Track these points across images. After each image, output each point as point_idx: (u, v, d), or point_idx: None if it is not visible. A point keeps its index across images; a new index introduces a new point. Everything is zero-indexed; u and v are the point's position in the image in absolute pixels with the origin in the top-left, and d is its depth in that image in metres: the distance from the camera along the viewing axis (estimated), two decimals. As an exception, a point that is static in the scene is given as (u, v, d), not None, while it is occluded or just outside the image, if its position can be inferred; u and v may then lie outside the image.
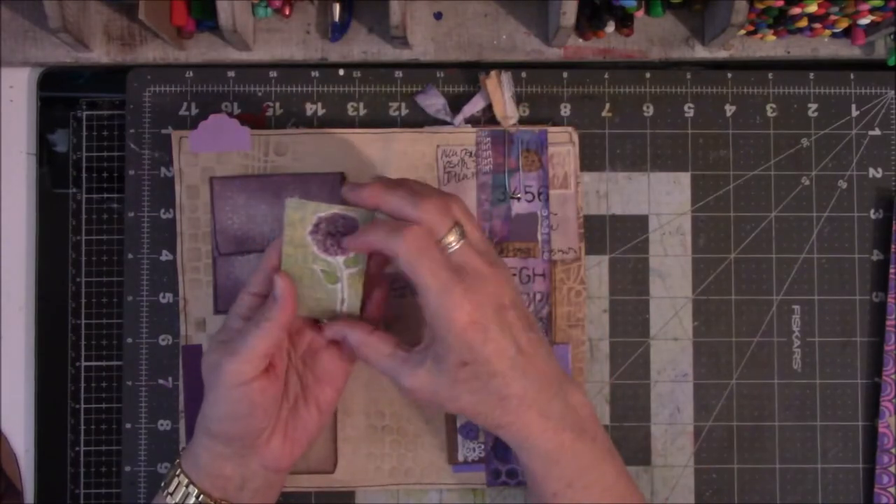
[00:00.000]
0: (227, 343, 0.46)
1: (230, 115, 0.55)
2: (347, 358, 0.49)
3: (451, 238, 0.44)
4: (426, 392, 0.45)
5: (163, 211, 0.55)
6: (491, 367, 0.44)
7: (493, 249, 0.47)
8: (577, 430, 0.45)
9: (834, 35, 0.56)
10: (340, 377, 0.50)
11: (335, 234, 0.47)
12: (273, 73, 0.56)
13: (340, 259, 0.47)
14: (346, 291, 0.48)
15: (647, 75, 0.56)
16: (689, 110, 0.56)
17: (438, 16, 0.56)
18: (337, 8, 0.55)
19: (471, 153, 0.55)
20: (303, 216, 0.46)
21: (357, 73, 0.56)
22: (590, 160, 0.56)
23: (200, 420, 0.47)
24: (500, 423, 0.45)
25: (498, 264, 0.46)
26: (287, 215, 0.46)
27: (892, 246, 0.55)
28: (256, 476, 0.47)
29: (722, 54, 0.56)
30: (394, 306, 0.54)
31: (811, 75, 0.56)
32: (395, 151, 0.55)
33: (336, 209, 0.47)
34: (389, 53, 0.56)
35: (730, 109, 0.56)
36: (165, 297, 0.55)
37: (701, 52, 0.56)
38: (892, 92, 0.56)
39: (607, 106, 0.56)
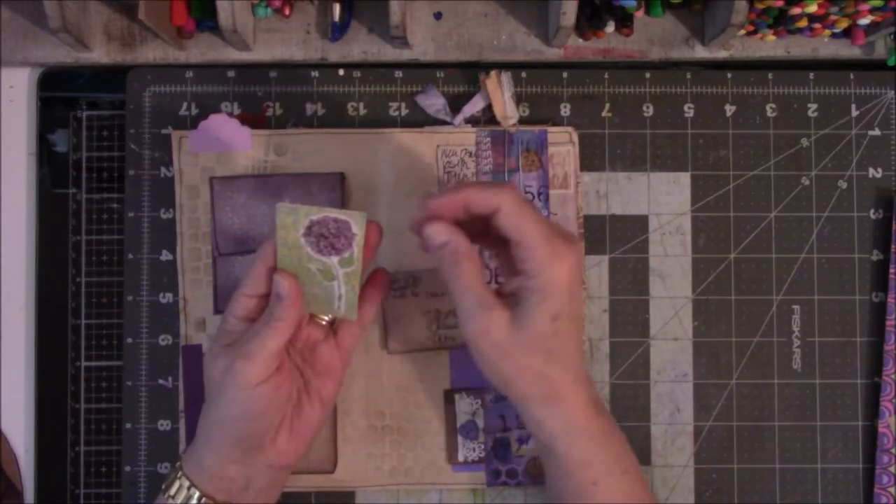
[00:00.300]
0: (235, 346, 0.46)
1: (230, 115, 0.55)
2: (345, 349, 0.49)
3: None
4: (496, 341, 0.44)
5: (163, 211, 0.55)
6: (577, 326, 0.45)
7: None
8: (601, 410, 0.46)
9: (834, 35, 0.56)
10: (339, 369, 0.50)
11: (328, 236, 0.47)
12: (273, 73, 0.56)
13: (335, 259, 0.47)
14: (342, 288, 0.48)
15: (647, 75, 0.56)
16: (689, 110, 0.56)
17: (438, 16, 0.56)
18: (337, 8, 0.55)
19: (471, 153, 0.55)
20: (295, 220, 0.46)
21: (357, 73, 0.56)
22: (590, 160, 0.56)
23: (205, 423, 0.47)
24: (557, 393, 0.45)
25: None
26: (279, 219, 0.46)
27: (892, 246, 0.55)
28: (261, 475, 0.47)
29: (722, 54, 0.56)
30: (394, 306, 0.54)
31: (811, 75, 0.56)
32: (395, 151, 0.55)
33: (327, 212, 0.46)
34: (389, 53, 0.56)
35: (730, 109, 0.56)
36: (165, 297, 0.55)
37: (701, 52, 0.56)
38: (892, 92, 0.56)
39: (607, 106, 0.56)
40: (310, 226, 0.46)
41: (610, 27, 0.53)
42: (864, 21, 0.53)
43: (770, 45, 0.56)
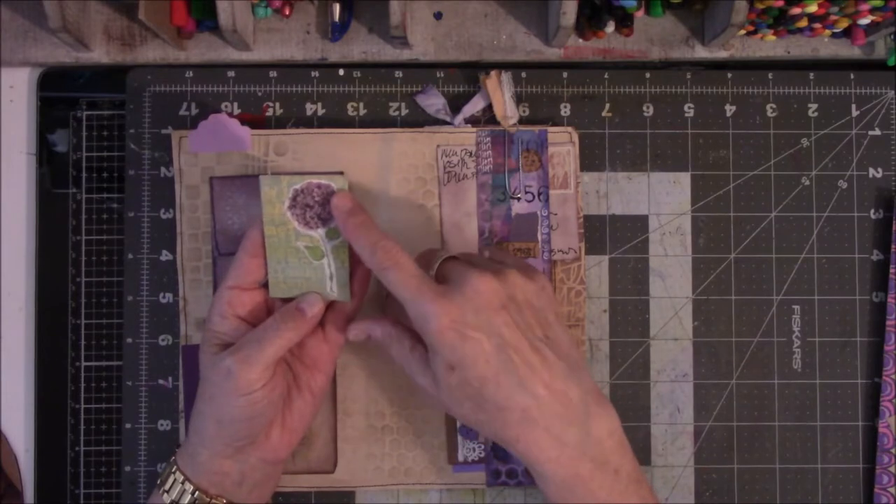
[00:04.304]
0: (237, 350, 0.46)
1: (230, 115, 0.55)
2: (333, 342, 0.49)
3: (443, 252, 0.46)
4: (434, 395, 0.45)
5: (163, 211, 0.55)
6: (477, 371, 0.43)
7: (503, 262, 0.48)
8: (598, 461, 0.44)
9: (834, 35, 0.56)
10: (329, 362, 0.50)
11: (312, 205, 0.47)
12: (273, 73, 0.56)
13: (322, 231, 0.47)
14: (333, 265, 0.48)
15: (647, 75, 0.56)
16: (689, 110, 0.56)
17: (438, 16, 0.56)
18: (337, 8, 0.55)
19: (471, 153, 0.55)
20: (279, 191, 0.46)
21: (357, 73, 0.56)
22: (590, 160, 0.56)
23: (201, 421, 0.47)
24: (503, 437, 0.44)
25: (501, 268, 0.46)
26: (263, 192, 0.46)
27: (892, 246, 0.55)
28: (255, 470, 0.47)
29: (722, 54, 0.56)
30: (395, 306, 0.54)
31: (811, 75, 0.56)
32: (395, 151, 0.55)
33: (310, 179, 0.47)
34: (389, 53, 0.56)
35: (730, 109, 0.56)
36: (165, 297, 0.55)
37: (701, 52, 0.56)
38: (892, 92, 0.56)
39: (607, 106, 0.56)
40: (294, 196, 0.47)
41: (610, 27, 0.53)
42: (865, 21, 0.53)
43: (770, 45, 0.56)
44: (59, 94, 0.57)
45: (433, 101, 0.55)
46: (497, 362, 0.43)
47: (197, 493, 0.46)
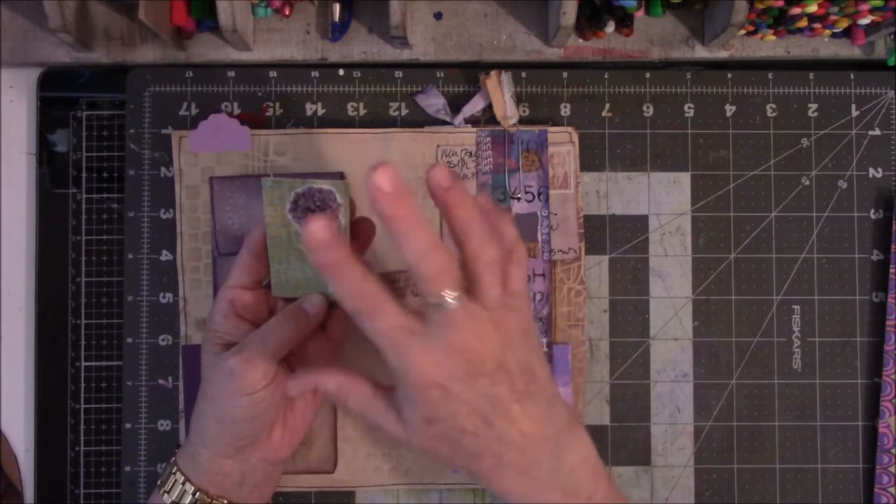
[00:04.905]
0: (239, 349, 0.45)
1: (230, 115, 0.55)
2: (334, 342, 0.49)
3: (444, 296, 0.40)
4: (404, 441, 0.43)
5: (163, 211, 0.55)
6: (458, 426, 0.41)
7: (504, 295, 0.42)
8: (569, 491, 0.42)
9: (834, 35, 0.56)
10: (329, 361, 0.50)
11: (314, 209, 0.47)
12: (273, 73, 0.56)
13: None
14: None
15: (647, 75, 0.56)
16: (689, 110, 0.56)
17: (438, 16, 0.56)
18: (337, 8, 0.55)
19: (471, 153, 0.55)
20: (280, 194, 0.46)
21: (357, 73, 0.56)
22: (590, 160, 0.56)
23: (202, 421, 0.47)
24: (477, 478, 0.43)
25: (489, 326, 0.41)
26: (265, 195, 0.46)
27: (892, 246, 0.55)
28: (255, 470, 0.47)
29: (722, 54, 0.56)
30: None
31: (811, 75, 0.56)
32: (395, 151, 0.55)
33: (311, 183, 0.47)
34: (389, 53, 0.56)
35: (730, 109, 0.56)
36: (165, 297, 0.55)
37: (701, 52, 0.56)
38: (892, 92, 0.56)
39: (607, 106, 0.56)
40: (295, 199, 0.47)
41: (610, 27, 0.53)
42: (865, 21, 0.53)
43: (770, 45, 0.56)
44: (59, 94, 0.57)
45: (433, 101, 0.56)
46: (478, 417, 0.41)
47: (198, 493, 0.46)
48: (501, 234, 0.43)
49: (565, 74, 0.56)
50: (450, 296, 0.40)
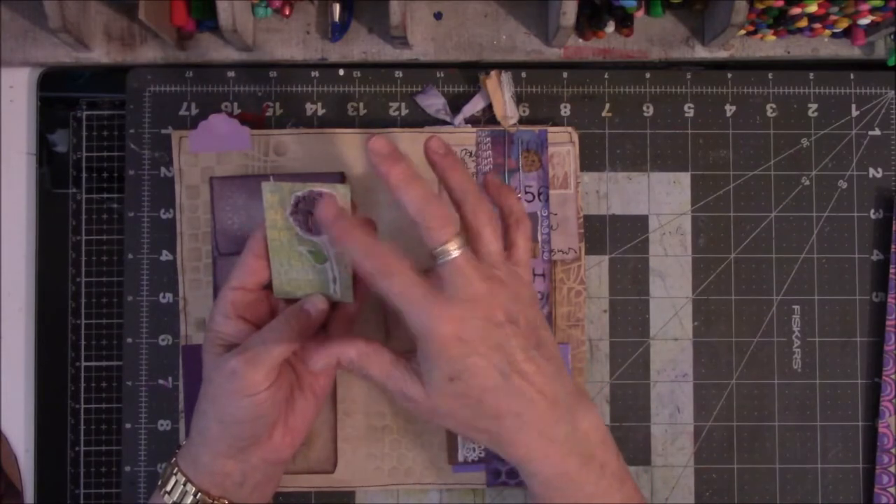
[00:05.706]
0: (241, 351, 0.45)
1: (230, 115, 0.55)
2: (352, 316, 0.50)
3: (448, 247, 0.43)
4: (426, 405, 0.44)
5: (163, 211, 0.55)
6: (479, 382, 0.43)
7: (508, 262, 0.46)
8: (584, 456, 0.44)
9: (834, 35, 0.56)
10: (347, 333, 0.50)
11: (314, 212, 0.47)
12: (273, 73, 0.56)
13: (324, 237, 0.47)
14: (336, 269, 0.48)
15: (647, 75, 0.56)
16: (689, 110, 0.56)
17: (438, 16, 0.56)
18: (337, 8, 0.55)
19: (471, 153, 0.55)
20: (281, 198, 0.46)
21: (357, 73, 0.56)
22: (590, 160, 0.56)
23: (203, 421, 0.47)
24: (499, 442, 0.44)
25: (496, 279, 0.44)
26: (265, 198, 0.46)
27: (892, 246, 0.55)
28: (256, 470, 0.47)
29: (722, 54, 0.56)
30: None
31: (811, 75, 0.56)
32: (395, 151, 0.55)
33: (312, 187, 0.47)
34: (389, 53, 0.56)
35: (730, 109, 0.56)
36: (165, 297, 0.55)
37: (701, 52, 0.56)
38: (892, 92, 0.56)
39: (607, 106, 0.56)
40: (296, 203, 0.47)
41: (610, 27, 0.53)
42: (865, 21, 0.53)
43: (770, 45, 0.56)
44: (59, 94, 0.57)
45: (433, 101, 0.56)
46: (497, 374, 0.43)
47: (199, 494, 0.46)
48: (510, 207, 0.48)
49: (565, 74, 0.56)
50: (454, 246, 0.43)
